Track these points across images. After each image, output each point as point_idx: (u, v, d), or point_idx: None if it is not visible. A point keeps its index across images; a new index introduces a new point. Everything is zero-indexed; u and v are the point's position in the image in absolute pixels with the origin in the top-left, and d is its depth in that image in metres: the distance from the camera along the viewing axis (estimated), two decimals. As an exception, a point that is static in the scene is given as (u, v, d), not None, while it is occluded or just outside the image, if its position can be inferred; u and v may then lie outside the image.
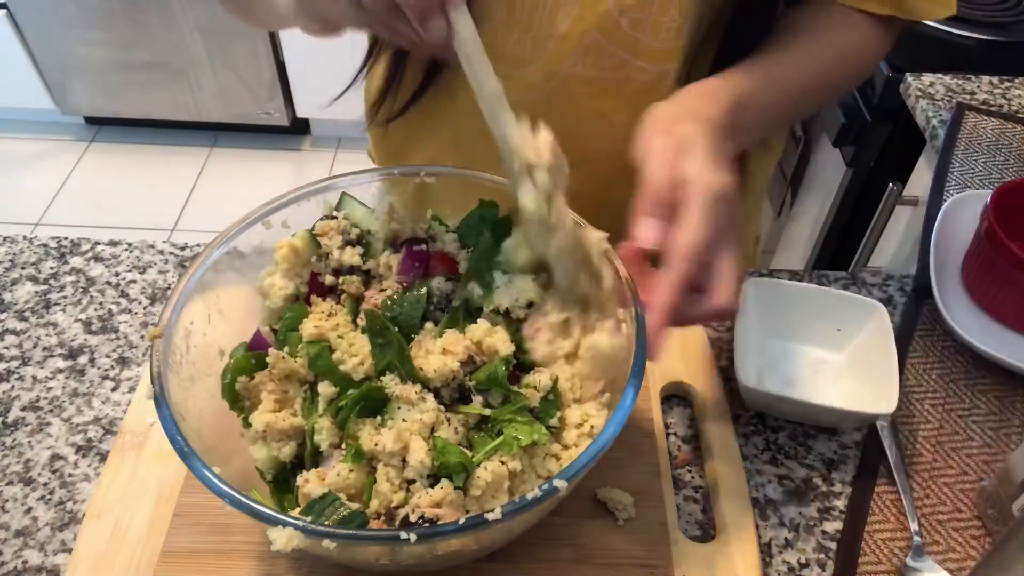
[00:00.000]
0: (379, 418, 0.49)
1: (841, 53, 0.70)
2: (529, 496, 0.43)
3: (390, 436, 0.47)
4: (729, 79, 0.61)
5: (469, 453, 0.48)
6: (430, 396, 0.50)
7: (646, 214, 0.51)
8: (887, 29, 0.70)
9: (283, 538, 0.41)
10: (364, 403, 0.49)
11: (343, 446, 0.49)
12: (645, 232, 0.50)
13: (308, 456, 0.51)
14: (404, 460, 0.47)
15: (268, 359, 0.51)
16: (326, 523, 0.45)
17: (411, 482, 0.47)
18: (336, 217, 0.59)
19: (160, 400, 0.46)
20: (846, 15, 0.68)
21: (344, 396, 0.50)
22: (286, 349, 0.53)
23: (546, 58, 0.68)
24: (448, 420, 0.50)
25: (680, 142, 0.52)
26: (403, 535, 0.41)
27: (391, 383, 0.50)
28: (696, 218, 0.49)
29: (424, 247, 0.58)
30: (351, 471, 0.47)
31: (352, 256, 0.57)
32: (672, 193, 0.50)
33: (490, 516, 0.42)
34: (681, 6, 0.65)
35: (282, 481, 0.52)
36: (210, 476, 0.43)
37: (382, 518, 0.46)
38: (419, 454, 0.46)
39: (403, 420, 0.49)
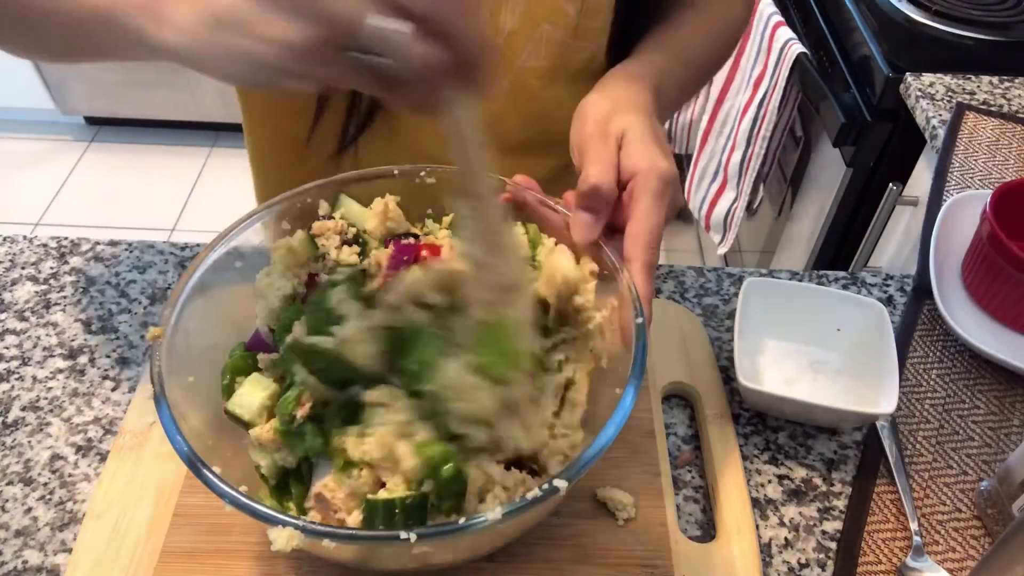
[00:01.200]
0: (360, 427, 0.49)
1: (720, 24, 0.75)
2: (529, 496, 0.43)
3: (373, 444, 0.47)
4: (647, 62, 0.65)
5: (453, 448, 0.48)
6: (402, 395, 0.49)
7: (583, 208, 0.53)
8: None
9: (283, 538, 0.41)
10: (343, 412, 0.49)
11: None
12: (584, 229, 0.53)
13: (300, 460, 0.50)
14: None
15: (260, 363, 0.51)
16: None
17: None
18: (333, 217, 0.59)
19: (160, 400, 0.46)
20: None
21: (326, 405, 0.49)
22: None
23: (497, 56, 0.69)
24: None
25: (619, 136, 0.54)
26: (403, 535, 0.41)
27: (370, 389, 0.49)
28: (651, 206, 0.52)
29: (413, 240, 0.58)
30: (360, 474, 0.47)
31: (349, 255, 0.57)
32: (619, 187, 0.53)
33: (490, 516, 0.42)
34: None
35: (282, 484, 0.52)
36: (210, 476, 0.43)
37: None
38: (408, 460, 0.46)
39: (380, 425, 0.48)
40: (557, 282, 0.53)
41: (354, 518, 0.47)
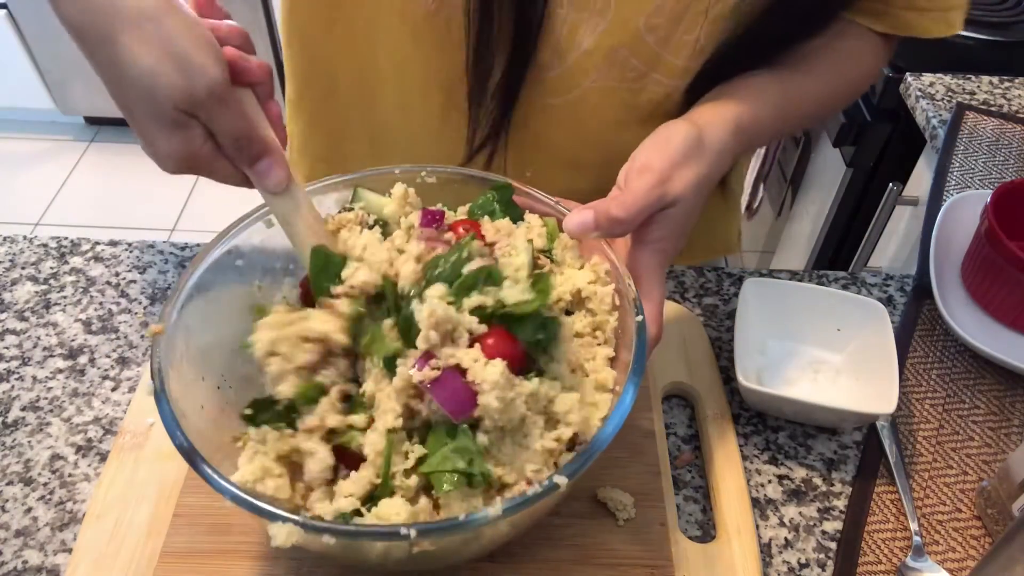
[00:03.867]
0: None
1: (847, 70, 0.70)
2: (529, 492, 0.43)
3: (372, 439, 0.47)
4: (740, 105, 0.61)
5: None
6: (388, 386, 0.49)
7: (594, 209, 0.53)
8: (887, 46, 0.72)
9: (283, 534, 0.41)
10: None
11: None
12: (579, 227, 0.53)
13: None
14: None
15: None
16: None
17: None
18: (352, 209, 0.59)
19: (160, 396, 0.46)
20: (852, 31, 0.69)
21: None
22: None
23: (567, 70, 0.69)
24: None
25: (671, 200, 0.55)
26: (403, 531, 0.41)
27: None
28: (658, 283, 0.55)
29: (438, 208, 0.59)
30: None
31: (372, 239, 0.56)
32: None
33: (490, 512, 0.42)
34: (707, 28, 0.66)
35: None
36: (209, 472, 0.43)
37: None
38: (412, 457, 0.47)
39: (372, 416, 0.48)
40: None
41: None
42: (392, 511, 0.45)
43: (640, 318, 0.51)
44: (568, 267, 0.56)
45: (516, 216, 0.59)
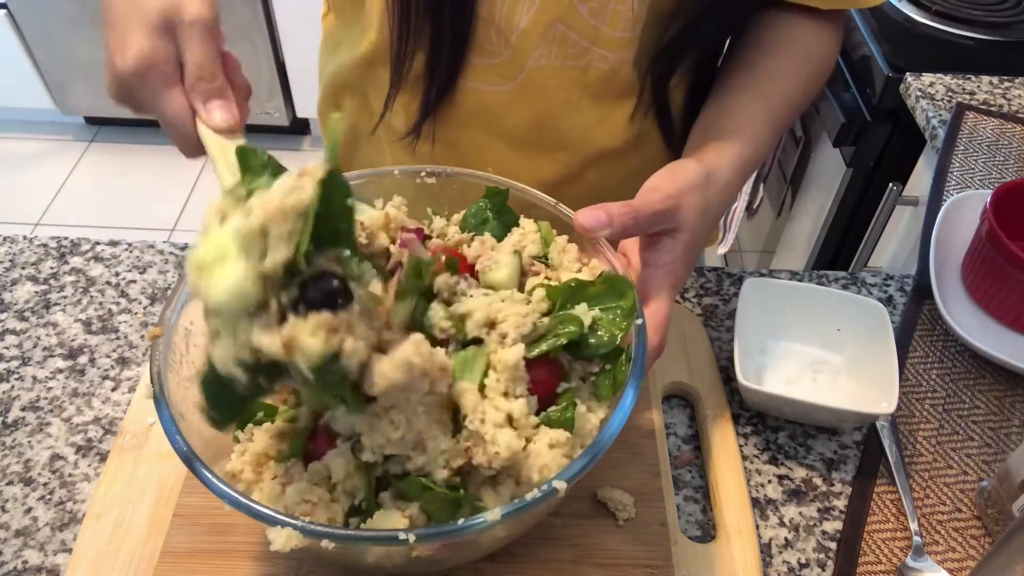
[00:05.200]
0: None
1: (809, 62, 0.71)
2: (528, 497, 0.43)
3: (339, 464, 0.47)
4: (739, 142, 0.63)
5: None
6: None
7: (608, 212, 0.52)
8: (836, 23, 0.73)
9: (282, 538, 0.41)
10: None
11: None
12: (592, 222, 0.52)
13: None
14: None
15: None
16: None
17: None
18: None
19: (160, 400, 0.46)
20: (800, 20, 0.71)
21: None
22: None
23: (512, 52, 0.70)
24: None
25: (677, 225, 0.55)
26: (402, 535, 0.41)
27: None
28: (665, 304, 0.54)
29: (418, 227, 0.58)
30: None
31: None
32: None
33: (488, 517, 0.42)
34: None
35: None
36: (209, 476, 0.43)
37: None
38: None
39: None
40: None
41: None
42: (389, 520, 0.45)
43: (640, 321, 0.51)
44: (565, 271, 0.56)
45: (512, 221, 0.58)
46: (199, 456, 0.44)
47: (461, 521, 0.42)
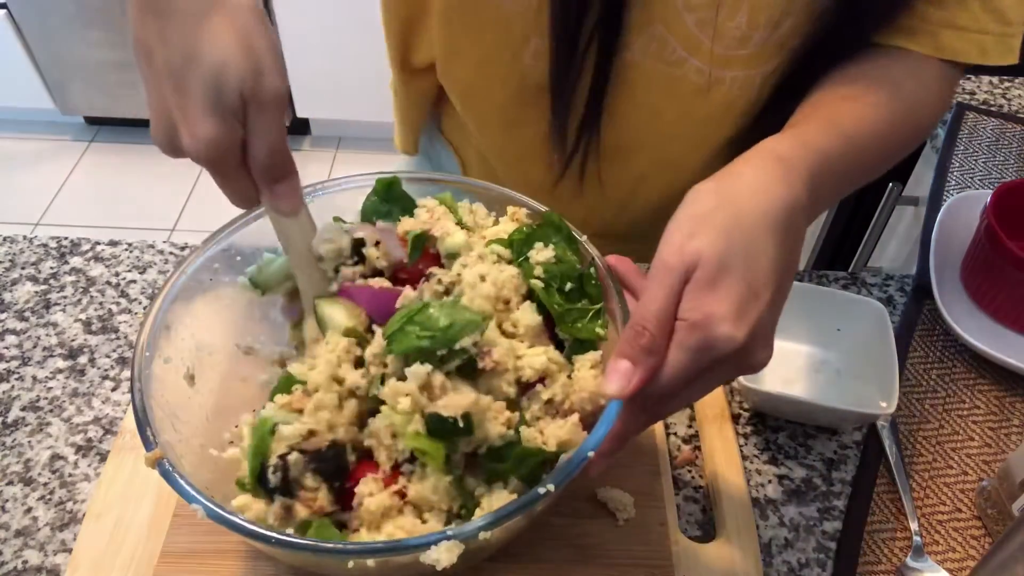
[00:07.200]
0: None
1: (908, 104, 0.61)
2: (512, 505, 0.43)
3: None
4: (806, 144, 0.51)
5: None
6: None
7: (621, 353, 0.44)
8: (948, 77, 0.63)
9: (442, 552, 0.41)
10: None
11: None
12: (618, 380, 0.43)
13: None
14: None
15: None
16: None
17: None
18: None
19: (170, 473, 0.45)
20: (907, 61, 0.62)
21: None
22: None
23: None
24: None
25: (689, 267, 0.43)
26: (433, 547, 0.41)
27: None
28: (677, 361, 0.43)
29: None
30: None
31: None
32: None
33: (479, 523, 0.42)
34: (750, 15, 0.62)
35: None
36: (227, 516, 0.42)
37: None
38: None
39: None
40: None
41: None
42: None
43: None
44: (481, 228, 0.57)
45: (411, 205, 0.58)
46: (211, 500, 0.43)
47: (450, 530, 0.41)
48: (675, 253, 0.44)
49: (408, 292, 0.51)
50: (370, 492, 0.46)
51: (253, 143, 0.46)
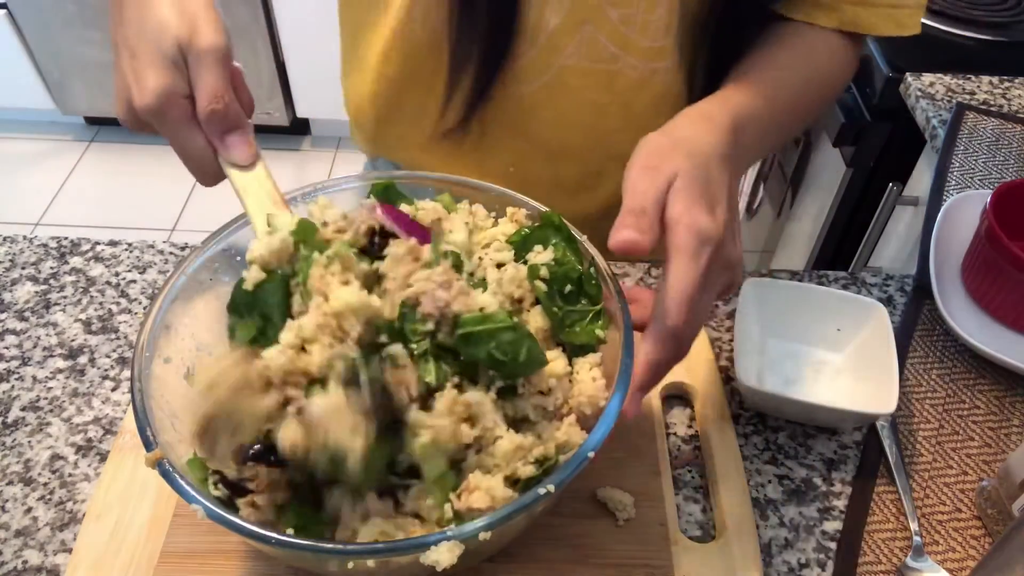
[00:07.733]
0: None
1: (821, 71, 0.69)
2: (512, 506, 0.43)
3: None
4: (726, 100, 0.58)
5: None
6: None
7: (625, 226, 0.47)
8: (851, 46, 0.71)
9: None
10: None
11: None
12: (627, 236, 0.47)
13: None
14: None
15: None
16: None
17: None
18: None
19: (170, 473, 0.45)
20: (815, 33, 0.69)
21: None
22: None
23: (538, 52, 0.70)
24: None
25: (670, 177, 0.49)
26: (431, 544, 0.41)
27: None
28: (682, 267, 0.46)
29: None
30: None
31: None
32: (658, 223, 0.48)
33: (479, 523, 0.42)
34: (669, 5, 0.67)
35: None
36: (227, 516, 0.42)
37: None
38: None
39: None
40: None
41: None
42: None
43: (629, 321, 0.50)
44: (481, 229, 0.57)
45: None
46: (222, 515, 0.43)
47: (449, 531, 0.41)
48: (655, 163, 0.50)
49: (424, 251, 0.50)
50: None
51: (196, 92, 0.50)
